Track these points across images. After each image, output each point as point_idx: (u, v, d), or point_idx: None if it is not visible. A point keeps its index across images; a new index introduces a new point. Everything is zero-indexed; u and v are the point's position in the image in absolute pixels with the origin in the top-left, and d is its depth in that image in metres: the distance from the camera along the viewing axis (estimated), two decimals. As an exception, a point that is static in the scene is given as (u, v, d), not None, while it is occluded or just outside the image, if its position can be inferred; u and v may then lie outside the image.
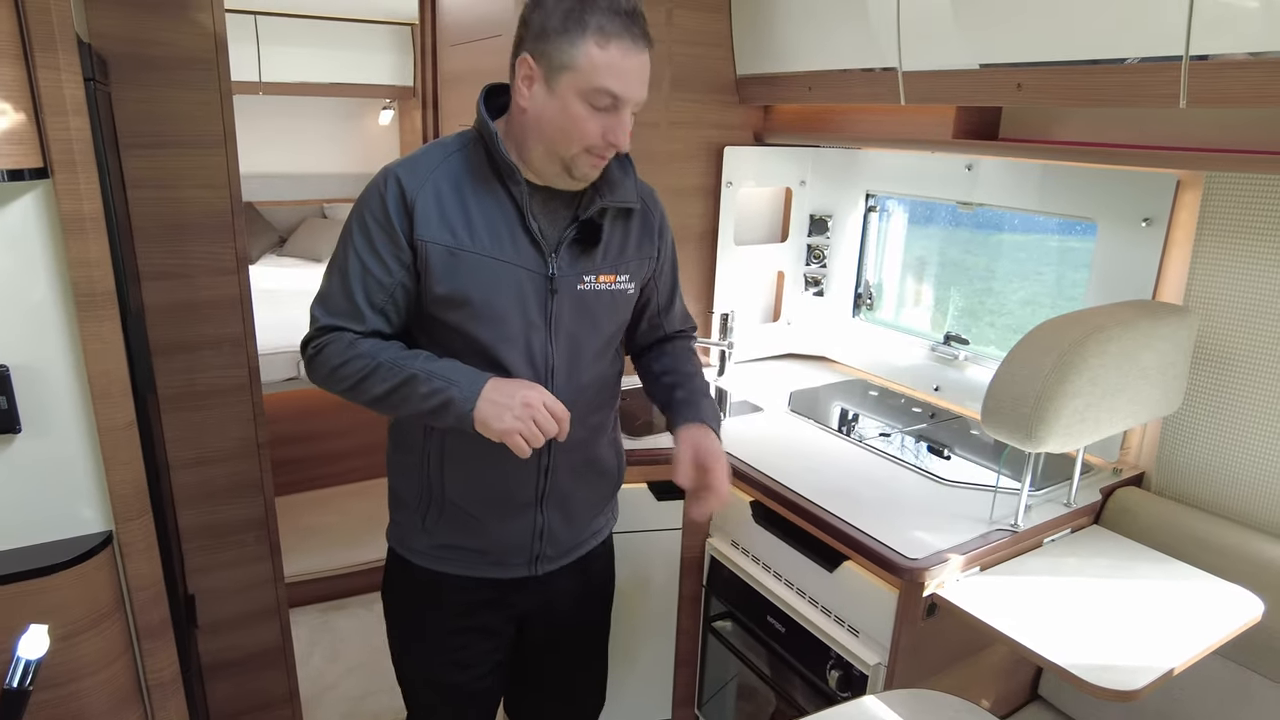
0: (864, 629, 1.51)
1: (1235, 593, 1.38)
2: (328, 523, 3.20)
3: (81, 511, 1.25)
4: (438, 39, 2.58)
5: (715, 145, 2.25)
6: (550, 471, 1.33)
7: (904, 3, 1.67)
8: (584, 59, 1.12)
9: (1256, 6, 1.17)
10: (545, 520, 1.37)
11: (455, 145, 1.26)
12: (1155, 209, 1.61)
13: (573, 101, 1.14)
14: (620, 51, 1.12)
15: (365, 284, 1.22)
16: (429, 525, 1.35)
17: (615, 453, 1.48)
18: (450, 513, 1.34)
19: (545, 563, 1.40)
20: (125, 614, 1.29)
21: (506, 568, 1.38)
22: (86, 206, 1.15)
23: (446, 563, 1.37)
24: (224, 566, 1.91)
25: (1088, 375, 1.31)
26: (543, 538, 1.38)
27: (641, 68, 1.16)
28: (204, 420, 1.82)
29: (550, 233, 1.26)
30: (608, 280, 1.31)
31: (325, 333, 1.24)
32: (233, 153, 1.74)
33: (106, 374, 1.21)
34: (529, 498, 1.34)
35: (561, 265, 1.26)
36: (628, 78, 1.14)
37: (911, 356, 2.23)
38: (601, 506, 1.49)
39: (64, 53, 1.10)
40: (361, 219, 1.23)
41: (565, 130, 1.16)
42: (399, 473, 1.38)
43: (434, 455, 1.31)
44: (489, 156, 1.23)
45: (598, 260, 1.30)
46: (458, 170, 1.23)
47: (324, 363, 1.24)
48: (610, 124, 1.16)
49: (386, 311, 1.25)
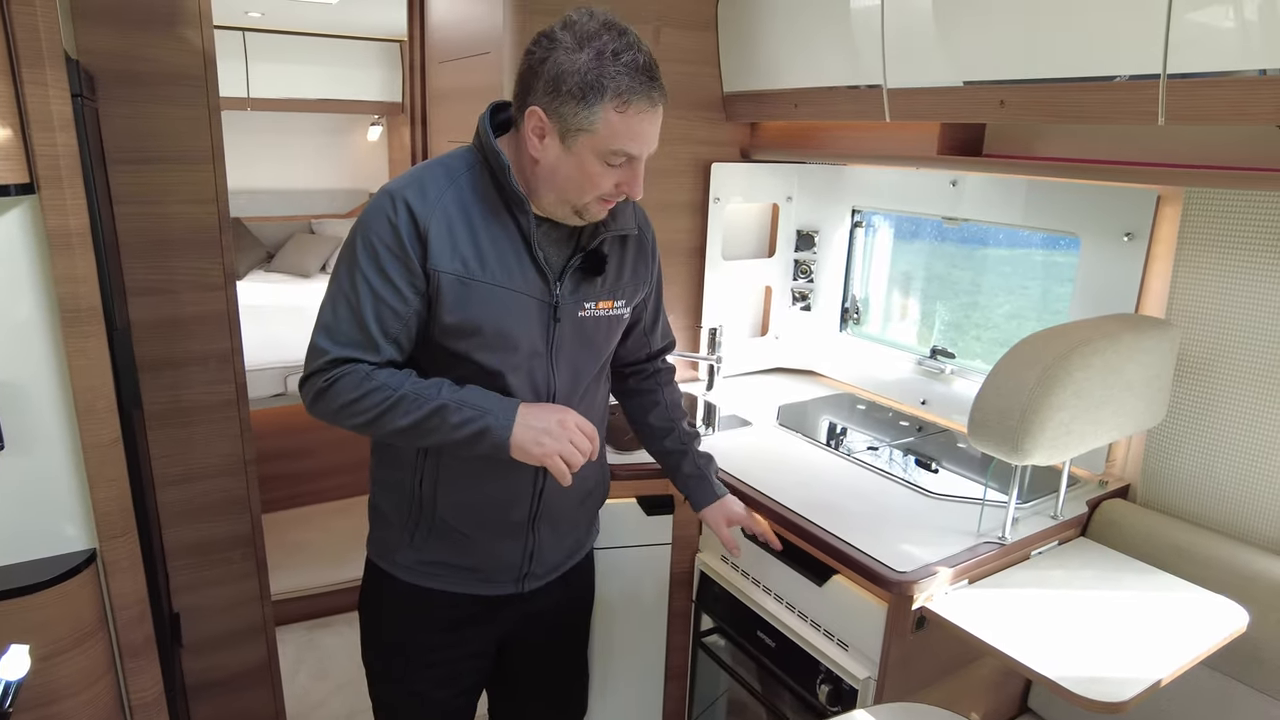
0: (853, 643, 1.51)
1: (1220, 603, 1.39)
2: (313, 539, 3.17)
3: (65, 529, 1.24)
4: (426, 55, 2.59)
5: (703, 161, 2.27)
6: (543, 492, 1.33)
7: (888, 21, 1.69)
8: (602, 124, 1.10)
9: (1231, 27, 1.20)
10: (536, 539, 1.37)
11: (460, 168, 1.22)
12: (1136, 224, 1.63)
13: (589, 160, 1.13)
14: (638, 114, 1.11)
15: (379, 312, 1.17)
16: (418, 542, 1.34)
17: (602, 470, 1.50)
18: (441, 530, 1.33)
19: (532, 580, 1.41)
20: (108, 633, 1.28)
21: (494, 585, 1.38)
22: (73, 222, 1.15)
23: (434, 579, 1.36)
24: (209, 584, 1.90)
25: (1072, 388, 1.33)
26: (532, 558, 1.38)
27: (657, 123, 1.15)
28: (190, 437, 1.81)
29: (555, 260, 1.26)
30: (606, 306, 1.32)
31: (336, 365, 1.17)
32: (221, 168, 1.74)
33: (92, 390, 1.20)
34: (522, 517, 1.34)
35: (565, 293, 1.26)
36: (645, 139, 1.14)
37: (898, 370, 2.24)
38: (586, 524, 1.51)
39: (51, 69, 1.10)
40: (369, 244, 1.16)
41: (579, 184, 1.16)
42: (385, 489, 1.37)
43: (428, 474, 1.30)
44: (495, 183, 1.21)
45: (599, 288, 1.30)
46: (465, 196, 1.20)
47: (336, 396, 1.16)
48: (626, 176, 1.16)
49: (400, 340, 1.20)
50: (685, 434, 1.57)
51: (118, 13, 1.60)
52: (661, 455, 1.58)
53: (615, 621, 1.87)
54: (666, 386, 1.58)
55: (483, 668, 1.47)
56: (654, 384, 1.56)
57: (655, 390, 1.56)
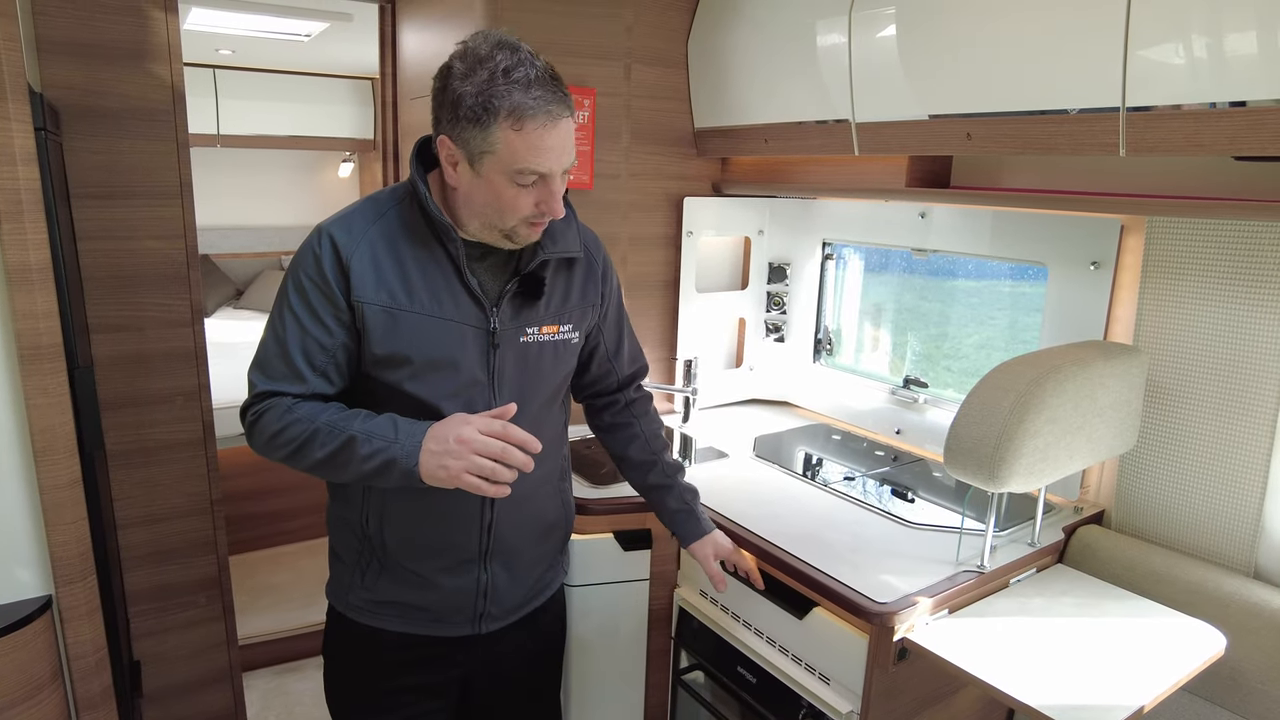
0: (835, 676, 1.49)
1: (1198, 627, 1.40)
2: (280, 582, 3.09)
3: (18, 574, 1.20)
4: (398, 92, 2.60)
5: (675, 196, 2.29)
6: (493, 526, 1.30)
7: (855, 57, 1.73)
8: (502, 145, 1.09)
9: (1181, 63, 1.24)
10: (490, 577, 1.33)
11: (389, 202, 1.23)
12: (1102, 252, 1.67)
13: (498, 181, 1.12)
14: (536, 130, 1.08)
15: (304, 345, 1.18)
16: (368, 581, 1.31)
17: (563, 504, 1.45)
18: (391, 569, 1.29)
19: (490, 621, 1.36)
20: (64, 684, 1.22)
21: (448, 625, 1.34)
22: (33, 257, 1.13)
23: (385, 619, 1.32)
24: (173, 630, 1.83)
25: (1046, 414, 1.34)
26: (487, 596, 1.33)
27: (561, 136, 1.11)
28: (155, 477, 1.76)
29: (491, 287, 1.25)
30: (550, 331, 1.30)
31: (263, 399, 1.19)
32: (189, 204, 1.72)
33: (50, 430, 1.17)
34: (472, 554, 1.30)
35: (503, 319, 1.24)
36: (548, 154, 1.11)
37: (872, 400, 2.25)
38: (549, 561, 1.45)
39: (14, 102, 1.09)
40: (297, 279, 1.18)
41: (497, 208, 1.15)
42: (337, 527, 1.34)
43: (373, 510, 1.27)
44: (424, 214, 1.20)
45: (540, 312, 1.28)
46: (393, 228, 1.20)
47: (263, 430, 1.18)
48: (542, 195, 1.14)
49: (328, 372, 1.20)
50: (669, 467, 1.54)
51: (84, 47, 1.59)
52: (645, 490, 1.56)
53: (591, 660, 1.83)
54: (643, 417, 1.55)
55: (444, 713, 1.41)
56: (629, 416, 1.54)
57: (632, 423, 1.54)
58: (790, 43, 1.88)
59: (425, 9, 2.29)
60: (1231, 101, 1.20)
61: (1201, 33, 1.21)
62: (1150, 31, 1.25)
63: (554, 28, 1.96)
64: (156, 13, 1.65)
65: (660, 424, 1.59)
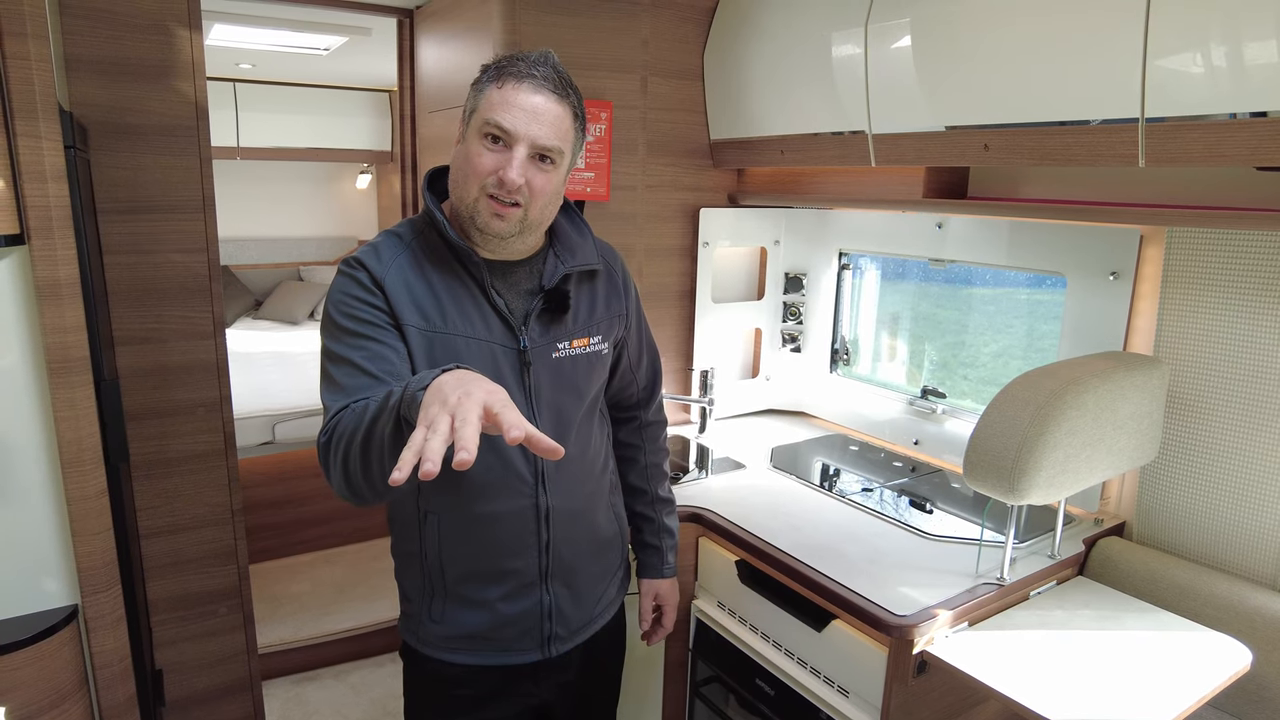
0: (854, 689, 1.48)
1: (1222, 642, 1.38)
2: (298, 591, 3.11)
3: (45, 584, 1.21)
4: (416, 105, 2.62)
5: (691, 207, 2.29)
6: (550, 546, 1.29)
7: (872, 69, 1.73)
8: (483, 100, 1.16)
9: (1202, 73, 1.23)
10: (552, 599, 1.32)
11: (409, 233, 1.25)
12: (1121, 263, 1.66)
13: (472, 140, 1.17)
14: (513, 87, 1.14)
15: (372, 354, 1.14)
16: (435, 615, 1.31)
17: (615, 517, 1.44)
18: (455, 600, 1.29)
19: (558, 643, 1.35)
20: (89, 693, 1.24)
21: (517, 653, 1.32)
22: (63, 272, 1.15)
23: (456, 653, 1.31)
24: (194, 639, 1.85)
25: (1066, 426, 1.33)
26: (552, 618, 1.32)
27: (537, 108, 1.14)
28: (177, 487, 1.78)
29: (517, 306, 1.26)
30: (582, 344, 1.31)
31: (340, 413, 1.10)
32: (211, 217, 1.74)
33: (78, 442, 1.18)
34: (532, 577, 1.30)
35: (533, 336, 1.25)
36: (515, 112, 1.13)
37: (890, 411, 2.24)
38: (608, 578, 1.44)
39: (45, 121, 1.11)
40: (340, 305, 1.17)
41: (465, 172, 1.17)
42: (402, 562, 1.34)
43: (429, 538, 1.27)
44: (445, 240, 1.22)
45: (569, 326, 1.29)
46: (418, 256, 1.22)
47: (339, 440, 1.06)
48: (502, 160, 1.15)
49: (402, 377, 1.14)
50: (659, 501, 1.55)
51: (111, 65, 1.62)
52: (629, 514, 1.55)
53: (610, 671, 1.83)
54: (650, 444, 1.55)
55: None
56: (639, 439, 1.54)
57: (639, 446, 1.54)
58: (806, 54, 1.89)
59: (443, 22, 2.32)
60: (1253, 112, 1.19)
61: (1221, 42, 1.20)
62: (1169, 41, 1.25)
63: (571, 41, 1.98)
64: (181, 31, 1.68)
65: (666, 455, 1.58)
